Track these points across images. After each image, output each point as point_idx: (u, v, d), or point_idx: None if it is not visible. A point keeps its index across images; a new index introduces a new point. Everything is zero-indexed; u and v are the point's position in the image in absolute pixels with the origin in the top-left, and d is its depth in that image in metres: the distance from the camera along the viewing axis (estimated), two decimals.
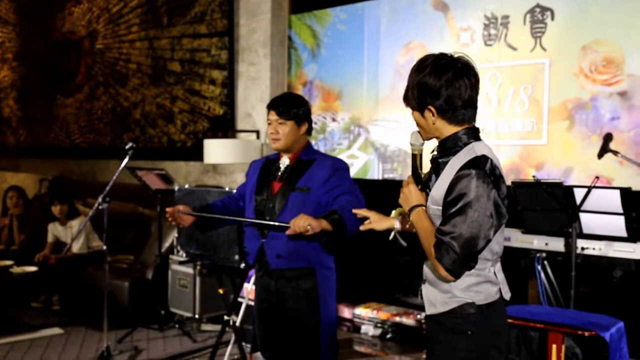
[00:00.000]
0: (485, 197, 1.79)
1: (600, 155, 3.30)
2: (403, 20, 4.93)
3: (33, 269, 5.01)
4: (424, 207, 1.92)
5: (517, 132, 4.32)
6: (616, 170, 3.85)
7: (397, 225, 2.13)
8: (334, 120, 5.38)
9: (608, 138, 3.33)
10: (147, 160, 6.19)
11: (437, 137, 1.94)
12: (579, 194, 3.27)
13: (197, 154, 5.79)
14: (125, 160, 4.06)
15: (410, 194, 1.93)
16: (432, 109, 1.87)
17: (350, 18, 5.24)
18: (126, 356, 4.21)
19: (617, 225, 3.24)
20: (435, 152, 1.96)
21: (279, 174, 2.72)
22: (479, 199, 1.78)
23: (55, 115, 7.90)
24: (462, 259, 1.79)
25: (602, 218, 3.27)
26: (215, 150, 5.23)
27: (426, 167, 2.00)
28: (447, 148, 1.91)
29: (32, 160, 8.29)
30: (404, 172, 4.94)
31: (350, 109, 5.27)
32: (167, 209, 2.77)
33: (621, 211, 3.21)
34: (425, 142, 1.97)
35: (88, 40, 7.32)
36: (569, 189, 3.29)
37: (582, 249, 3.32)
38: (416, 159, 1.96)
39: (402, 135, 4.91)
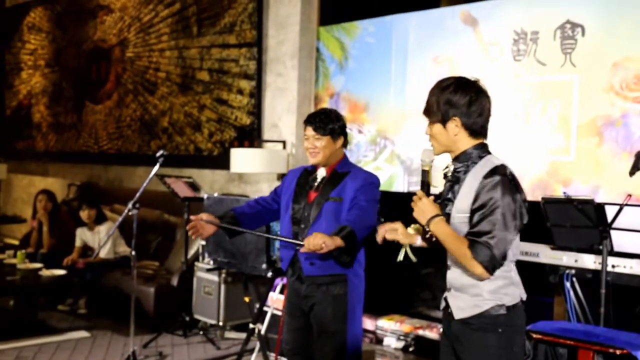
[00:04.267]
0: (511, 200, 1.96)
1: (632, 173, 3.28)
2: (431, 34, 4.95)
3: (61, 272, 5.09)
4: (442, 217, 2.03)
5: (545, 148, 4.31)
6: None
7: (418, 241, 2.27)
8: (360, 132, 5.41)
9: None
10: (173, 168, 6.27)
11: (450, 152, 2.11)
12: (610, 211, 3.25)
13: (223, 162, 5.85)
14: (156, 168, 4.12)
15: (426, 207, 2.04)
16: (458, 120, 2.05)
17: (378, 31, 5.28)
18: None
19: None
20: (451, 166, 2.12)
21: (316, 184, 2.83)
22: (506, 202, 1.95)
23: (84, 121, 8.04)
24: (497, 257, 1.94)
25: (633, 236, 3.24)
26: (242, 159, 5.29)
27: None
28: (463, 161, 2.08)
29: (60, 165, 8.44)
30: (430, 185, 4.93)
31: (377, 121, 5.29)
32: (192, 217, 2.77)
33: None
34: (435, 158, 2.12)
35: (119, 48, 7.46)
36: (601, 206, 3.28)
37: (613, 266, 3.30)
38: (427, 174, 2.10)
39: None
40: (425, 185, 2.09)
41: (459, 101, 2.04)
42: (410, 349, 4.63)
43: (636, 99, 3.92)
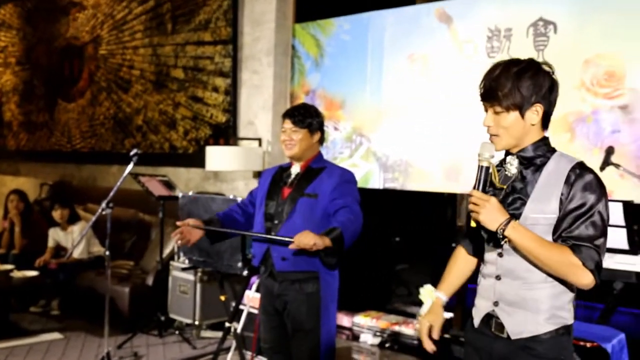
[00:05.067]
0: (606, 201, 1.75)
1: (602, 168, 3.34)
2: (407, 31, 4.97)
3: (34, 273, 5.01)
4: (516, 220, 1.77)
5: None
6: (617, 183, 3.88)
7: (443, 298, 2.10)
8: (336, 129, 5.41)
9: (610, 151, 3.37)
10: (148, 166, 6.21)
11: (514, 146, 1.85)
12: None
13: (198, 160, 5.81)
14: (130, 167, 4.07)
15: (496, 208, 1.75)
16: (540, 107, 1.79)
17: (354, 28, 5.28)
18: None
19: (619, 237, 3.27)
20: (513, 161, 1.87)
21: (290, 180, 2.82)
22: (603, 204, 1.74)
23: (56, 120, 7.91)
24: (602, 263, 1.73)
25: None
26: (217, 157, 5.25)
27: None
28: (532, 155, 1.84)
29: (32, 165, 8.30)
30: (405, 182, 4.96)
31: (353, 118, 5.30)
32: (178, 223, 2.76)
33: (623, 224, 3.24)
34: (496, 153, 1.87)
35: (92, 45, 7.36)
36: None
37: None
38: (487, 171, 1.82)
39: (404, 145, 4.93)
40: (482, 184, 1.79)
41: (543, 85, 1.77)
42: (387, 345, 4.65)
43: (606, 95, 3.98)
